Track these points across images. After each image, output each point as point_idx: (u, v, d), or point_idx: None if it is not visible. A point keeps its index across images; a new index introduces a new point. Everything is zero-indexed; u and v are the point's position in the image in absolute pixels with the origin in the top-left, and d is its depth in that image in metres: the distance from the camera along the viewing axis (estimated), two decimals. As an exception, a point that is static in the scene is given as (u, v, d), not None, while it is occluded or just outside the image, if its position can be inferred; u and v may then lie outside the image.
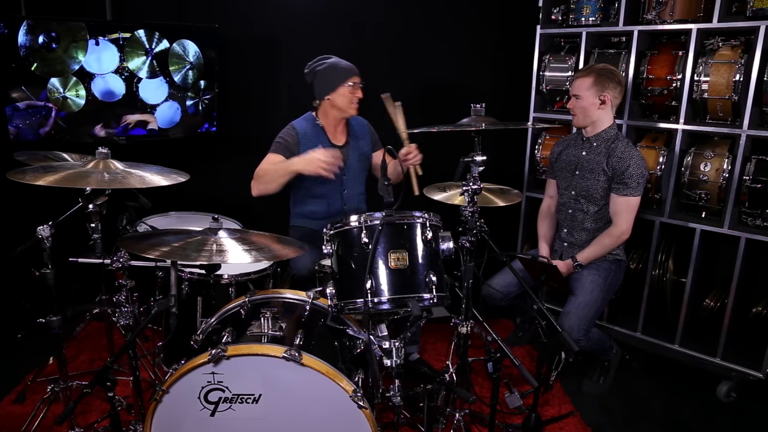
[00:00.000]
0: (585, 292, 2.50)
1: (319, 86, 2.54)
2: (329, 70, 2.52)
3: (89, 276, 2.48)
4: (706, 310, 2.84)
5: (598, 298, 2.50)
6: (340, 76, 2.50)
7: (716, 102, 2.62)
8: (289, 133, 2.56)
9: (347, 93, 2.51)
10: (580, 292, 2.50)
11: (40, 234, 1.91)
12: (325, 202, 2.64)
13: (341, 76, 2.50)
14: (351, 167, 2.65)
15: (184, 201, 2.98)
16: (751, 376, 2.60)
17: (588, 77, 2.49)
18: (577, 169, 2.62)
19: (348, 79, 2.50)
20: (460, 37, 3.49)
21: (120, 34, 2.87)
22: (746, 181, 2.55)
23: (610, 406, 2.60)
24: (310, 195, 2.65)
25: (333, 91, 2.52)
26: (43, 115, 2.82)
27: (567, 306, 2.51)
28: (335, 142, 2.63)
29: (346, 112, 2.57)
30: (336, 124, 2.63)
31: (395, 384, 1.74)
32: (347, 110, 2.55)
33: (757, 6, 2.45)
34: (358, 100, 2.54)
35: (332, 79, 2.51)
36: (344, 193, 2.65)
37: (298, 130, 2.57)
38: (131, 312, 1.89)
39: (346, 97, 2.51)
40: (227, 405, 1.66)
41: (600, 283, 2.53)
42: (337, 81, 2.50)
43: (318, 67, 2.54)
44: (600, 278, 2.54)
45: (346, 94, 2.51)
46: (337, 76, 2.50)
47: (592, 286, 2.51)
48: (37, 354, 2.70)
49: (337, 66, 2.53)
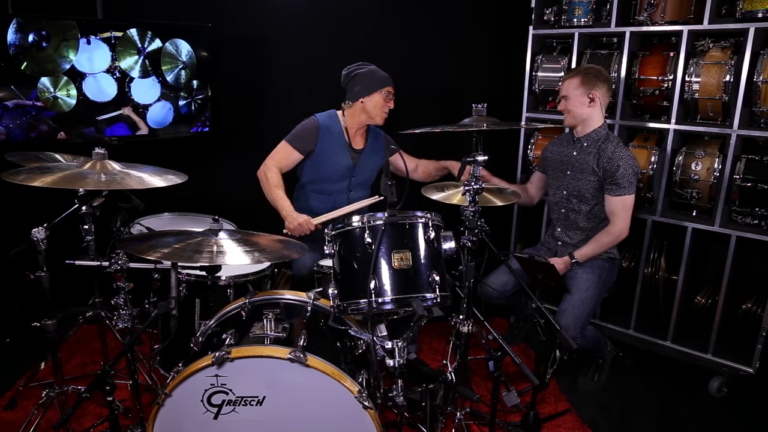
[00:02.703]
0: (580, 290, 2.52)
1: (356, 88, 2.58)
2: (369, 75, 2.57)
3: (81, 278, 2.45)
4: (697, 307, 2.89)
5: (593, 296, 2.53)
6: (378, 82, 2.56)
7: (707, 102, 2.66)
8: (311, 126, 2.61)
9: (381, 100, 2.56)
10: (576, 290, 2.53)
11: (35, 236, 1.87)
12: (332, 199, 2.66)
13: (380, 83, 2.56)
14: (361, 172, 2.68)
15: (176, 202, 2.94)
16: (742, 371, 2.65)
17: (575, 78, 2.53)
18: (569, 169, 2.64)
19: (385, 87, 2.56)
20: (453, 37, 3.51)
21: (112, 33, 2.83)
22: (736, 180, 2.59)
23: (605, 403, 2.63)
24: (316, 191, 2.67)
25: (368, 95, 2.56)
26: (33, 116, 2.77)
27: (563, 304, 2.54)
28: (354, 145, 2.67)
29: (374, 120, 2.61)
30: (359, 127, 2.67)
31: (398, 384, 1.74)
32: (376, 117, 2.60)
33: (746, 8, 2.50)
34: (388, 110, 2.60)
35: (370, 83, 2.55)
36: (350, 194, 2.68)
37: (321, 123, 2.61)
38: (130, 315, 1.86)
39: (378, 104, 2.56)
40: (231, 407, 1.65)
41: (595, 281, 2.55)
42: (374, 86, 2.55)
43: (359, 69, 2.59)
44: (595, 276, 2.57)
45: (380, 101, 2.56)
46: (376, 82, 2.56)
47: (587, 284, 2.53)
48: (28, 359, 2.65)
49: (376, 73, 2.59)
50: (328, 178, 2.63)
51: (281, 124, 2.71)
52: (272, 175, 2.56)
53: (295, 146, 2.59)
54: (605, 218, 2.58)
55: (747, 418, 2.57)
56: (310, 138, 2.58)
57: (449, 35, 3.50)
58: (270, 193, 2.54)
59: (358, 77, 2.57)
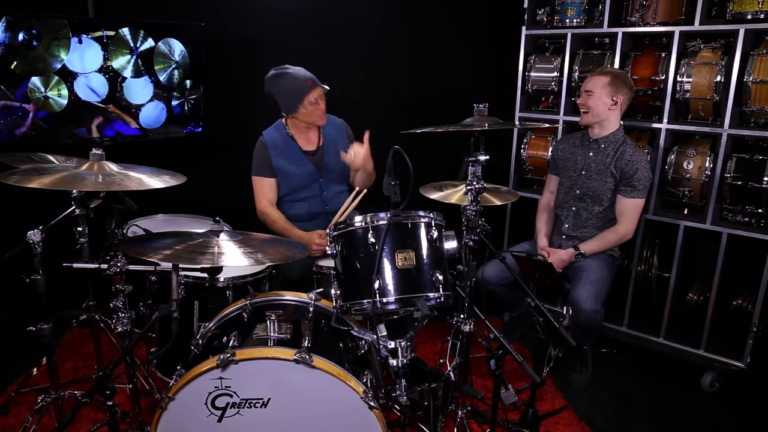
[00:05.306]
0: (595, 271, 2.56)
1: (282, 106, 2.53)
2: (285, 92, 2.47)
3: (75, 281, 2.41)
4: (689, 303, 2.94)
5: (606, 278, 2.58)
6: (297, 96, 2.46)
7: (698, 102, 2.71)
8: (260, 147, 2.60)
9: (310, 109, 2.49)
10: (591, 271, 2.56)
11: (31, 239, 1.84)
12: (306, 204, 2.65)
13: (299, 96, 2.45)
14: (327, 170, 2.65)
15: (169, 203, 2.90)
16: (734, 366, 2.70)
17: (604, 76, 2.55)
18: (584, 170, 2.67)
19: (305, 98, 2.46)
20: (446, 37, 3.52)
21: (104, 32, 2.79)
22: (727, 179, 2.64)
23: (601, 399, 2.66)
24: (291, 200, 2.66)
25: (296, 111, 2.50)
26: (20, 116, 2.72)
27: (579, 283, 2.53)
28: (306, 148, 2.63)
29: (315, 123, 2.57)
30: (307, 131, 2.63)
31: (401, 383, 1.74)
32: (315, 122, 2.56)
33: (736, 10, 2.55)
34: (322, 112, 2.52)
35: (290, 100, 2.48)
36: (324, 195, 2.66)
37: (267, 142, 2.59)
38: (129, 318, 1.83)
39: (308, 114, 2.51)
40: (235, 410, 1.63)
41: (604, 266, 2.61)
42: (296, 102, 2.47)
43: (273, 89, 2.48)
44: (603, 263, 2.63)
45: (308, 111, 2.49)
46: (294, 96, 2.46)
47: (599, 268, 2.59)
48: (18, 364, 2.61)
49: (291, 88, 2.46)
50: (297, 187, 2.61)
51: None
52: (269, 213, 2.58)
53: (262, 174, 2.58)
54: (614, 218, 2.62)
55: (739, 411, 2.61)
56: (264, 159, 2.57)
57: (442, 36, 3.52)
58: (276, 230, 2.56)
59: (277, 97, 2.49)
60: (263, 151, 2.58)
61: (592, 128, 2.65)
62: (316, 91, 2.47)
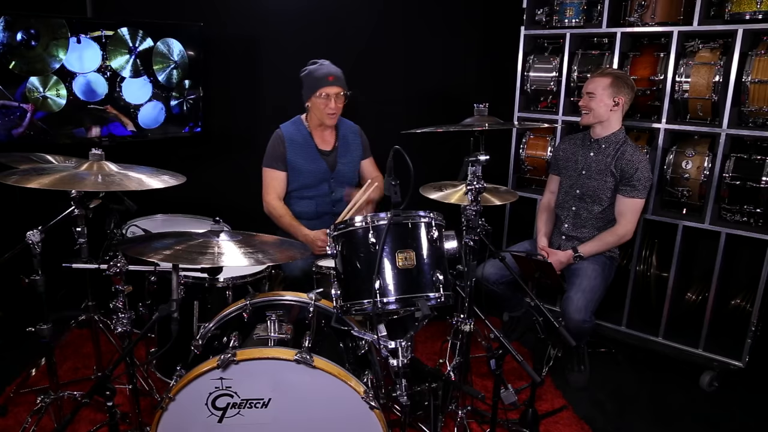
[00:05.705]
0: (589, 278, 2.56)
1: (303, 90, 2.54)
2: (308, 76, 2.51)
3: (73, 282, 2.41)
4: (688, 303, 2.95)
5: (600, 285, 2.58)
6: (314, 84, 2.46)
7: (696, 102, 2.72)
8: (276, 139, 2.59)
9: (319, 104, 2.49)
10: (585, 277, 2.57)
11: (30, 239, 1.84)
12: (314, 202, 2.64)
13: (315, 85, 2.46)
14: (339, 172, 2.65)
15: (167, 203, 2.90)
16: (732, 365, 2.71)
17: (606, 78, 2.55)
18: (584, 170, 2.68)
19: (320, 88, 2.45)
20: (445, 37, 3.52)
21: (102, 32, 2.77)
22: (726, 178, 2.65)
23: (600, 399, 2.67)
24: (298, 197, 2.65)
25: (309, 99, 2.52)
26: (18, 116, 2.71)
27: (571, 290, 2.55)
28: (322, 147, 2.63)
29: (323, 121, 2.56)
30: (323, 130, 2.63)
31: (401, 383, 1.74)
32: (323, 120, 2.54)
33: (735, 10, 2.56)
34: (332, 112, 2.50)
35: (308, 86, 2.50)
36: (332, 195, 2.66)
37: (285, 136, 2.58)
38: (129, 318, 1.83)
39: (318, 107, 2.50)
40: (236, 410, 1.63)
41: (600, 272, 2.61)
42: (311, 89, 2.48)
43: (303, 71, 2.53)
44: (599, 268, 2.62)
45: (319, 104, 2.49)
46: (312, 84, 2.47)
47: (594, 273, 2.58)
48: (15, 365, 2.60)
49: (314, 73, 2.48)
50: (307, 184, 2.61)
51: (274, 125, 2.69)
52: (275, 206, 2.57)
53: (274, 166, 2.58)
54: (614, 218, 2.63)
55: (737, 410, 2.62)
56: (279, 152, 2.56)
57: (440, 36, 3.52)
58: (282, 225, 2.56)
59: (303, 79, 2.53)
60: (279, 144, 2.57)
61: (593, 128, 2.66)
62: (333, 88, 2.47)
